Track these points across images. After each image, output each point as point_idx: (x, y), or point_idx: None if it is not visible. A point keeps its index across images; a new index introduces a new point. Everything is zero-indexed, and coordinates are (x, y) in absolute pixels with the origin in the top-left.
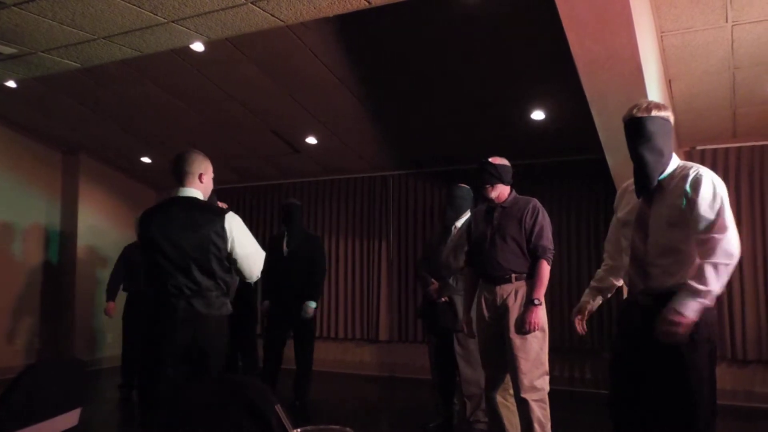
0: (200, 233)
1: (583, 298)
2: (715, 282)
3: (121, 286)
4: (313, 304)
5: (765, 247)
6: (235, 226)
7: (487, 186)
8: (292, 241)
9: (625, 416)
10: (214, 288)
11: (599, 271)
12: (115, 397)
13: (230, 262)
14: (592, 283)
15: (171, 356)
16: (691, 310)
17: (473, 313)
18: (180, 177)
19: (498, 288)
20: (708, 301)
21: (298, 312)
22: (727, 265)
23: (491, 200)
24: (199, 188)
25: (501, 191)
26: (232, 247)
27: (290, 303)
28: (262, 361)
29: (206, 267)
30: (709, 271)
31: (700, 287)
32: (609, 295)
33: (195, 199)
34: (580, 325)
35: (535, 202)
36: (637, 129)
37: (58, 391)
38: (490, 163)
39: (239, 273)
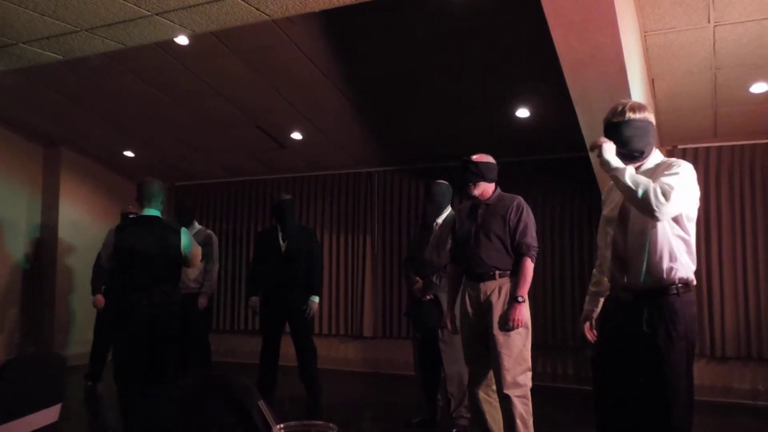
0: (165, 243)
1: (587, 306)
2: (635, 183)
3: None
4: (316, 299)
5: (744, 245)
6: (185, 238)
7: (470, 184)
8: (288, 238)
9: (608, 412)
10: (169, 279)
11: (594, 271)
12: (98, 393)
13: (184, 261)
14: (591, 288)
15: (137, 329)
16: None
17: (457, 310)
18: (148, 200)
19: (482, 285)
20: (617, 169)
21: (297, 308)
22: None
23: (475, 198)
24: (159, 209)
25: (484, 189)
26: (185, 251)
27: (289, 299)
28: (260, 359)
29: (166, 266)
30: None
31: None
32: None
33: (159, 218)
34: (590, 334)
35: (520, 199)
36: (613, 133)
37: (37, 386)
38: (471, 162)
39: (186, 264)
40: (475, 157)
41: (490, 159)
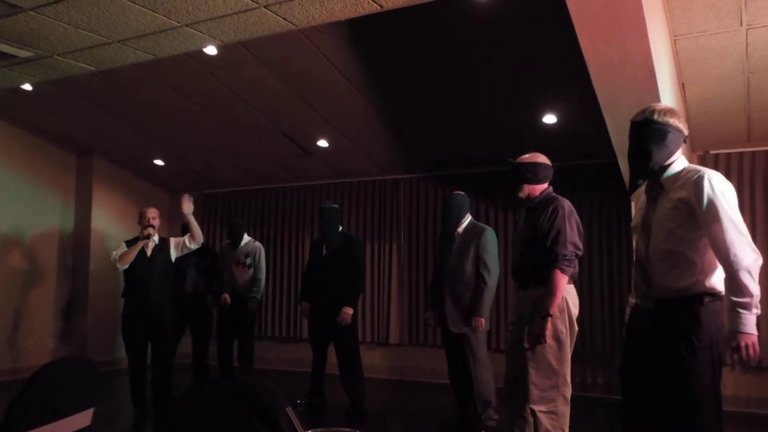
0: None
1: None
2: (754, 286)
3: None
4: (349, 310)
5: None
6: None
7: (517, 187)
8: (328, 246)
9: (634, 421)
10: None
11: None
12: (126, 397)
13: None
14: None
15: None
16: (748, 325)
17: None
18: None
19: (521, 293)
20: (756, 309)
21: (333, 316)
22: (756, 261)
23: (523, 200)
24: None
25: (530, 191)
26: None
27: (327, 306)
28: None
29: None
30: (744, 277)
31: (744, 300)
32: None
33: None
34: None
35: (559, 202)
36: (631, 131)
37: (71, 390)
38: (513, 163)
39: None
40: (520, 158)
41: (538, 159)
